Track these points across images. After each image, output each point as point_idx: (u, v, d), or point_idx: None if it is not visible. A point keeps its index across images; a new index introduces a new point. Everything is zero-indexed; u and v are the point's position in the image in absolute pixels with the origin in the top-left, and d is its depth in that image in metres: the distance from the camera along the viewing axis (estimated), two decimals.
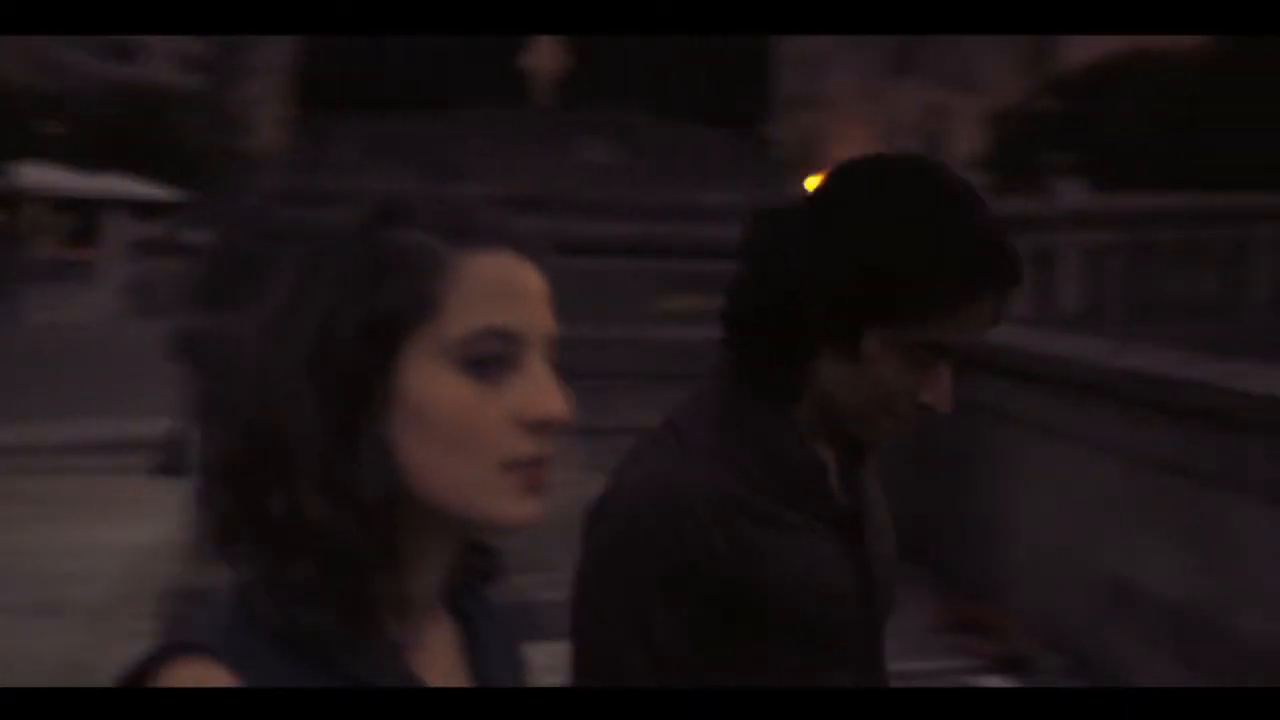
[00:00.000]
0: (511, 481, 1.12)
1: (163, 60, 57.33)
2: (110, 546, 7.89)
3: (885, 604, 1.73)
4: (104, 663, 3.04)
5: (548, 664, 1.58)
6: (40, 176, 36.72)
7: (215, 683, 1.05)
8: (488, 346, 1.11)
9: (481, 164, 6.94)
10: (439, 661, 1.19)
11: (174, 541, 6.46)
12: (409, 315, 1.10)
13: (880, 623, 1.73)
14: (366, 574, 1.10)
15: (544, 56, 7.09)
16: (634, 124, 7.45)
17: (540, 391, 1.12)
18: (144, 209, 39.21)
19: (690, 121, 7.47)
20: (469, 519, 1.12)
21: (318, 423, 1.09)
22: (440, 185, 1.24)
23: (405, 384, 1.10)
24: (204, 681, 1.05)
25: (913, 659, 5.74)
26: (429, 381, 1.10)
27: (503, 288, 1.13)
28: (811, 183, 1.79)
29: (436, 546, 1.16)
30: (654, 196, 7.28)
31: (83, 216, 38.11)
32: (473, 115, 7.18)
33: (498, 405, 1.11)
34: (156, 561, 6.81)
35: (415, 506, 1.11)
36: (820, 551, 1.63)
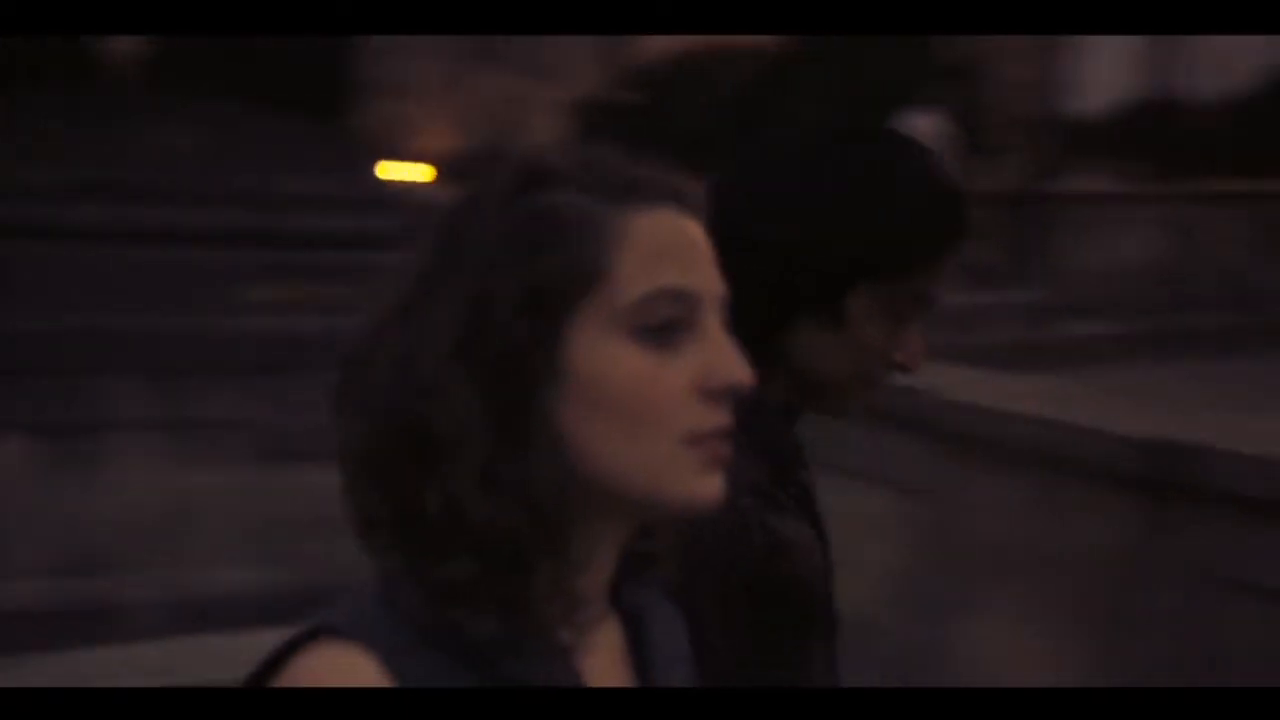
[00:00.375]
0: (695, 457, 1.02)
1: None
2: None
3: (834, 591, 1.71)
4: None
5: None
6: None
7: (360, 671, 0.97)
8: (663, 310, 1.02)
9: (50, 147, 6.66)
10: (607, 663, 1.10)
11: None
12: (573, 284, 1.00)
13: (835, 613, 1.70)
14: (532, 571, 1.00)
15: (124, 42, 6.87)
16: (215, 110, 7.30)
17: (721, 355, 1.03)
18: None
19: (272, 109, 7.35)
20: (650, 502, 1.03)
21: (475, 411, 0.99)
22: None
23: (573, 359, 1.00)
24: (348, 668, 0.97)
25: None
26: (600, 354, 1.00)
27: (672, 246, 1.03)
28: (387, 170, 1.73)
29: (608, 536, 1.06)
30: (234, 183, 7.13)
31: None
32: (46, 100, 6.88)
33: (677, 374, 1.02)
34: None
35: (588, 494, 1.02)
36: (810, 538, 1.59)
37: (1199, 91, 36.47)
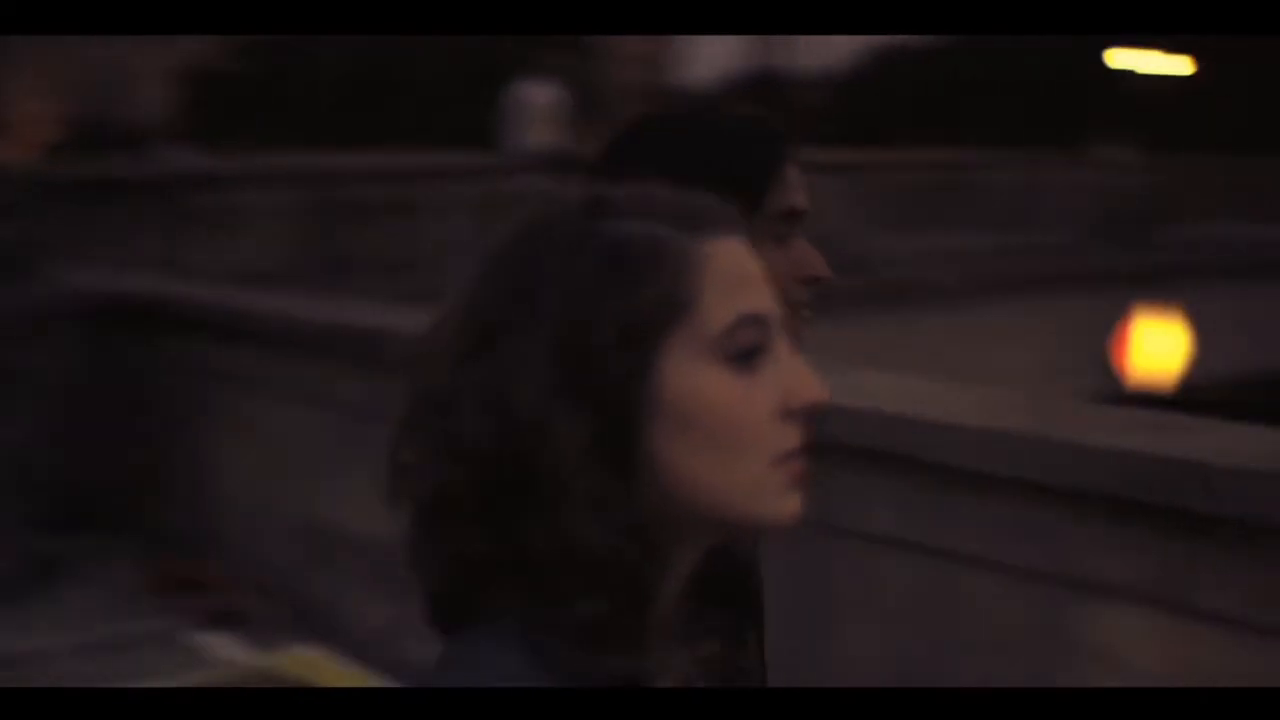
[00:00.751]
0: (781, 477, 1.06)
1: None
2: None
3: None
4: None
5: None
6: None
7: None
8: (746, 336, 1.05)
9: None
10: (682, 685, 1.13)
11: None
12: (667, 315, 1.03)
13: None
14: (652, 600, 1.03)
15: None
16: None
17: (800, 376, 1.07)
18: None
19: None
20: (741, 523, 1.06)
21: (582, 446, 1.00)
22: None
23: (668, 388, 1.02)
24: None
25: (125, 620, 6.04)
26: (693, 382, 1.03)
27: (743, 273, 1.07)
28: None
29: (687, 559, 1.08)
30: None
31: None
32: None
33: (762, 397, 1.05)
34: None
35: (681, 519, 1.04)
36: None
37: (802, 67, 38.65)
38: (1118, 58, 27.07)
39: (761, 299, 1.07)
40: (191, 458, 7.12)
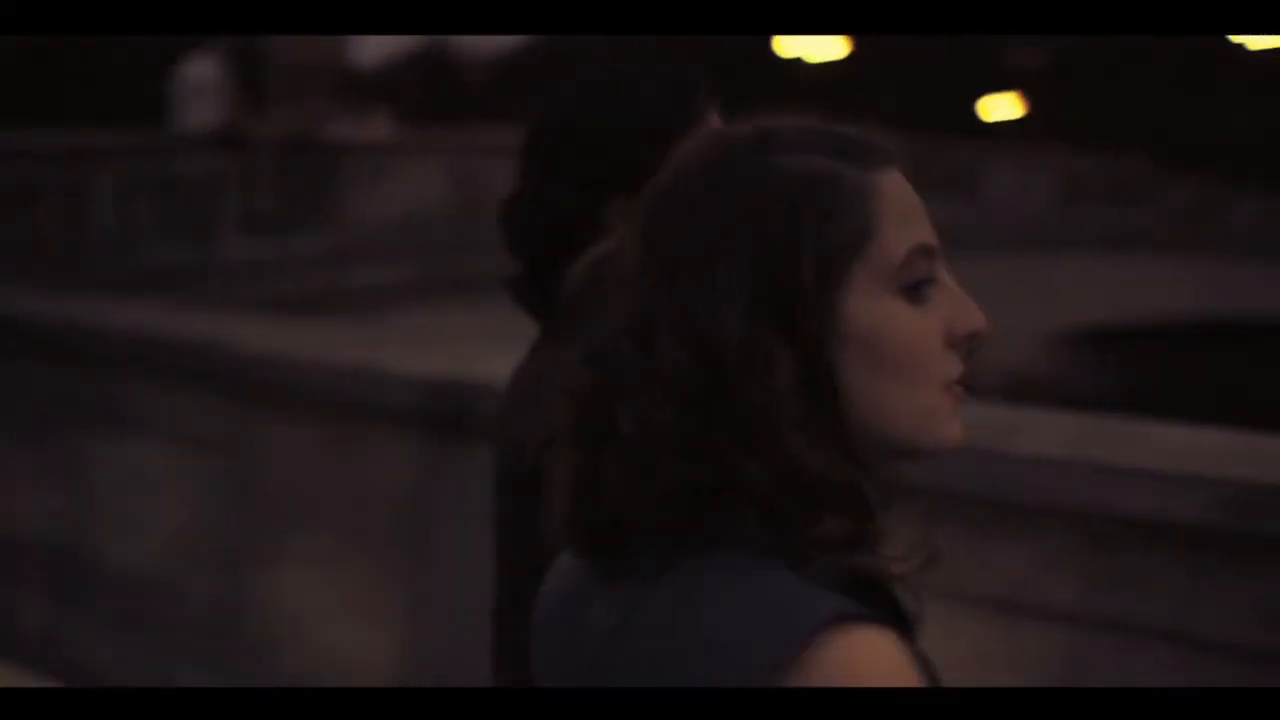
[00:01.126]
0: (949, 402, 1.10)
1: None
2: None
3: None
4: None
5: None
6: None
7: (897, 648, 1.01)
8: (921, 267, 1.09)
9: None
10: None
11: None
12: (854, 247, 1.06)
13: None
14: (872, 514, 1.07)
15: None
16: None
17: (965, 306, 1.10)
18: None
19: None
20: (915, 448, 1.10)
21: (786, 378, 1.04)
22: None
23: (854, 319, 1.06)
24: (892, 647, 1.01)
25: None
26: (877, 312, 1.07)
27: (911, 204, 1.10)
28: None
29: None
30: None
31: None
32: None
33: (933, 326, 1.09)
34: None
35: (869, 443, 1.09)
36: None
37: (468, 48, 38.68)
38: (786, 44, 27.51)
39: (927, 230, 1.10)
40: None
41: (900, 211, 1.09)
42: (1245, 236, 24.83)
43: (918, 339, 1.08)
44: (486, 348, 4.46)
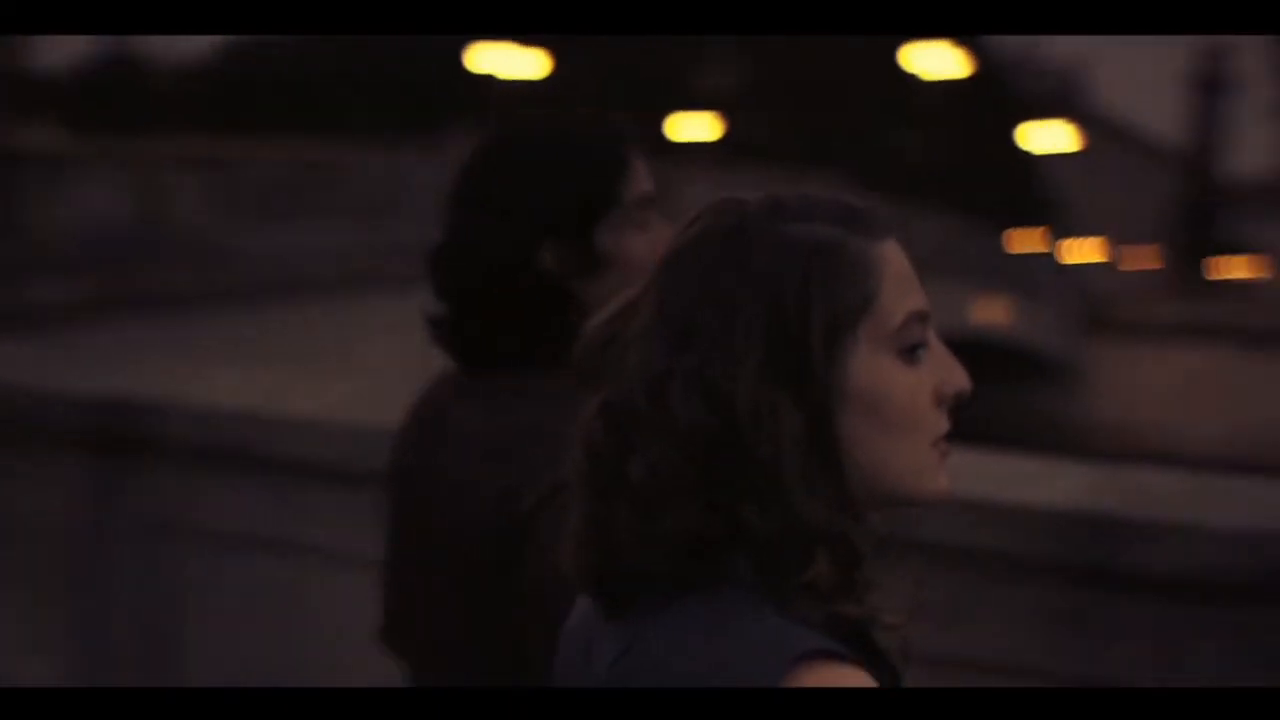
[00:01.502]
0: (937, 457, 1.20)
1: None
2: None
3: None
4: None
5: None
6: None
7: (866, 684, 1.08)
8: (915, 331, 1.18)
9: None
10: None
11: None
12: (860, 311, 1.15)
13: None
14: (860, 562, 1.15)
15: None
16: None
17: (951, 367, 1.20)
18: None
19: None
20: (907, 498, 1.19)
21: (794, 432, 1.12)
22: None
23: (856, 378, 1.15)
24: (861, 684, 1.08)
25: None
26: (878, 372, 1.16)
27: (906, 272, 1.19)
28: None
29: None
30: None
31: None
32: None
33: (925, 386, 1.18)
34: None
35: (863, 495, 1.17)
36: None
37: (158, 53, 38.59)
38: (479, 55, 27.44)
39: (921, 297, 1.19)
40: None
41: (898, 278, 1.18)
42: (929, 259, 25.94)
43: (913, 397, 1.17)
44: (163, 363, 4.36)
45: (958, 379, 1.20)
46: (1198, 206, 59.56)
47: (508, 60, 27.60)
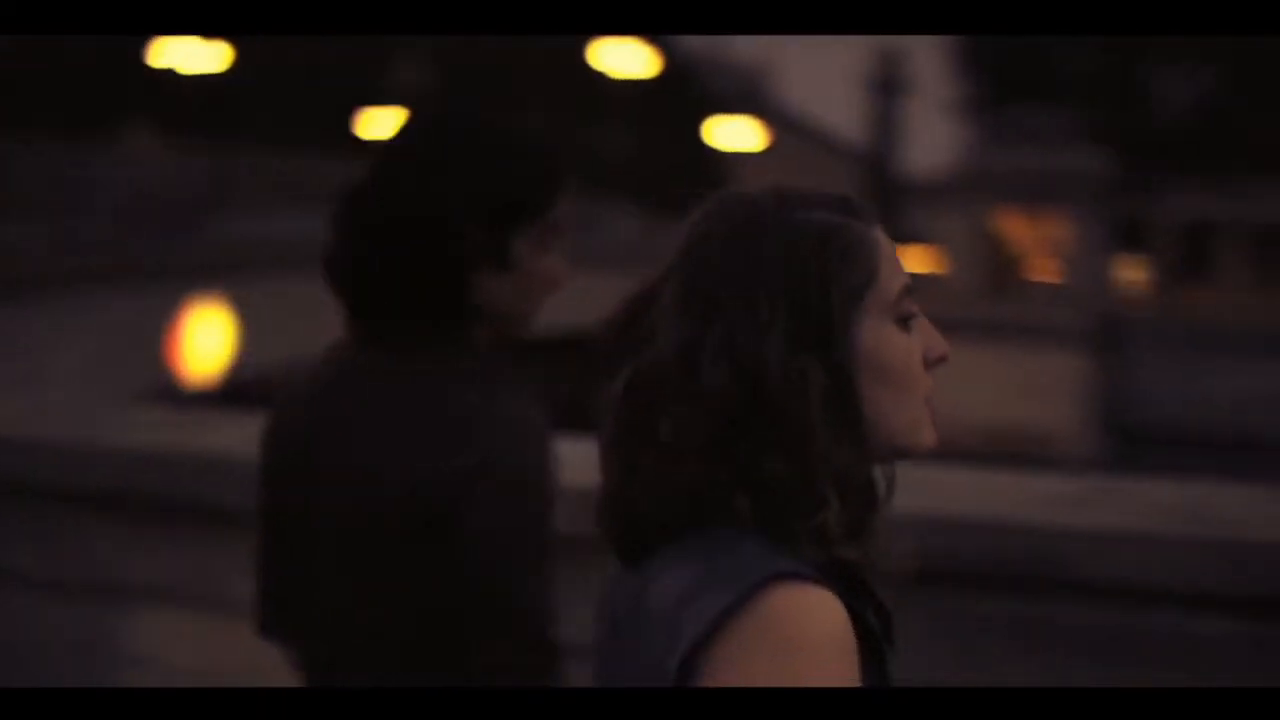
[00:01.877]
0: (927, 413, 1.38)
1: None
2: None
3: None
4: None
5: None
6: None
7: (835, 605, 1.24)
8: (908, 302, 1.37)
9: None
10: None
11: None
12: (867, 285, 1.34)
13: None
14: (876, 506, 1.35)
15: None
16: None
17: (934, 335, 1.39)
18: None
19: None
20: (906, 451, 1.37)
21: (821, 391, 1.29)
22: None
23: (865, 343, 1.33)
24: (828, 602, 1.24)
25: None
26: (883, 338, 1.34)
27: (895, 253, 1.38)
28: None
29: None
30: None
31: None
32: None
33: (918, 350, 1.37)
34: None
35: (874, 447, 1.34)
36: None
37: None
38: (160, 50, 25.88)
39: (907, 274, 1.37)
40: None
41: (891, 259, 1.37)
42: (622, 252, 26.72)
43: (910, 359, 1.36)
44: None
45: (940, 345, 1.38)
46: (874, 200, 61.13)
47: (189, 55, 25.77)
